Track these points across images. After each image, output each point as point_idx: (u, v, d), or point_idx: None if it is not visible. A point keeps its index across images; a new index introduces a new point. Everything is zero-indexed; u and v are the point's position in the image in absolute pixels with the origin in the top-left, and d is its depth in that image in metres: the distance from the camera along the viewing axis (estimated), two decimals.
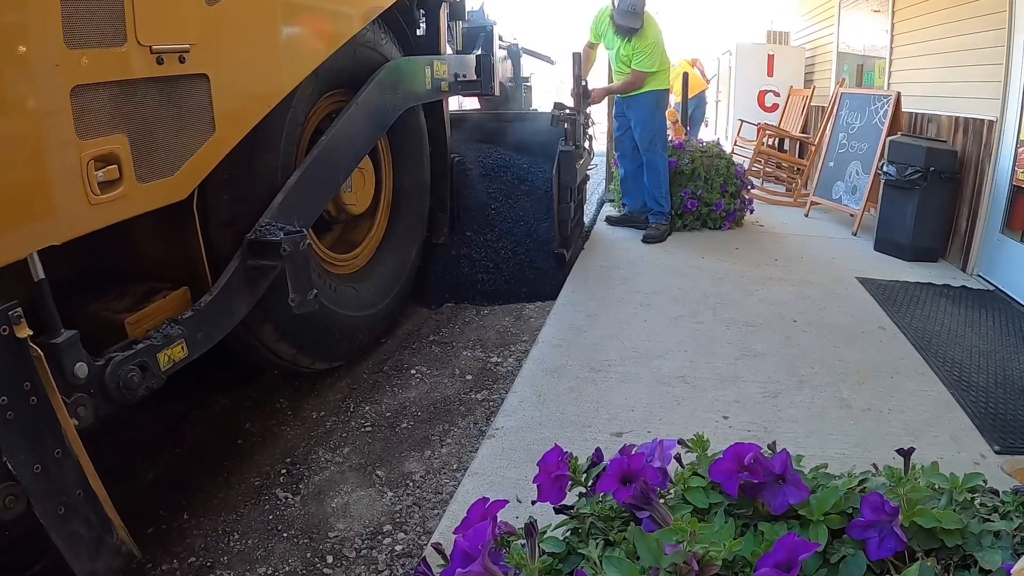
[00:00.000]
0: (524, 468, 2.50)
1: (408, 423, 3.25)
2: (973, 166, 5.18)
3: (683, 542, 0.80)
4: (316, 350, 3.47)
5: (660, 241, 5.75)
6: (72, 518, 1.80)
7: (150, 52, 2.21)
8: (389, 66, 3.83)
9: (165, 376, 2.25)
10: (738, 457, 1.01)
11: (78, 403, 1.91)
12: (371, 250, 4.17)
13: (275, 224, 2.82)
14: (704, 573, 0.80)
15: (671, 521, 0.88)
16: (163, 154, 2.31)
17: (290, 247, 2.71)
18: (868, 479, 1.13)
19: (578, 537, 1.00)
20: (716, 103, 12.08)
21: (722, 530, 0.87)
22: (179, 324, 2.35)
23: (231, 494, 2.79)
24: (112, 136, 2.10)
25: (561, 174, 4.94)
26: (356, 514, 2.65)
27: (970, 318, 4.20)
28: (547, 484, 1.09)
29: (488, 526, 0.87)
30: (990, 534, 1.06)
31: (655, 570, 0.79)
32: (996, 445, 2.77)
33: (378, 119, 3.77)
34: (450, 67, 4.61)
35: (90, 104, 2.02)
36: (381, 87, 3.73)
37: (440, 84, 4.47)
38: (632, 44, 5.52)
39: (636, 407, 3.01)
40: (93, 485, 1.87)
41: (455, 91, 4.85)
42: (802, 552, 0.81)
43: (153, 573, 2.37)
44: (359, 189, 3.91)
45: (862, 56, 7.73)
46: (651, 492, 0.91)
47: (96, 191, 2.04)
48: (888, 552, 0.94)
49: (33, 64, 1.86)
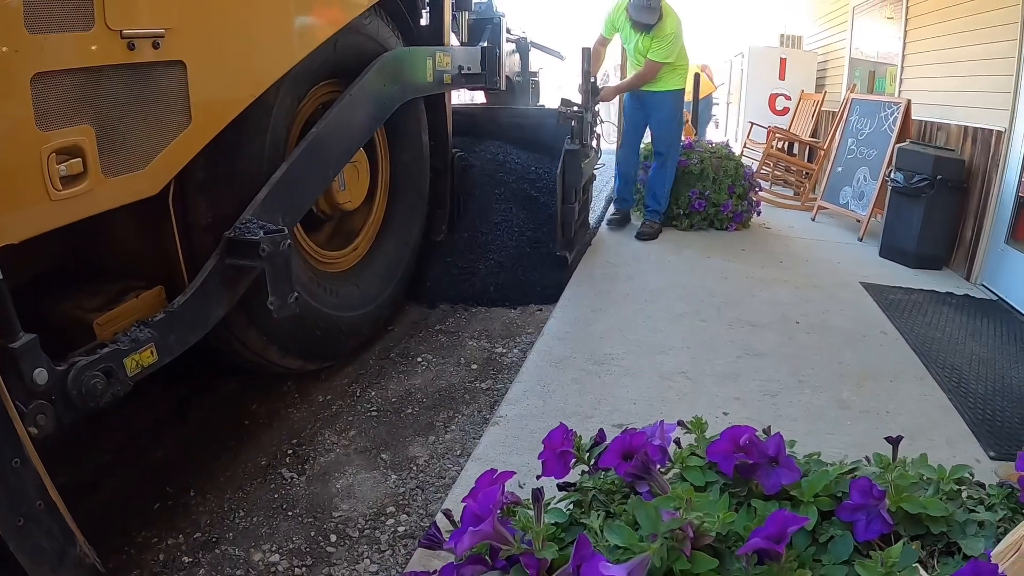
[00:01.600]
0: (527, 455, 2.55)
1: (413, 409, 3.30)
2: (980, 176, 5.20)
3: (680, 509, 0.85)
4: (303, 351, 3.38)
5: (653, 238, 5.76)
6: (33, 530, 1.69)
7: (120, 37, 2.07)
8: (386, 56, 3.68)
9: (132, 382, 2.11)
10: (734, 439, 1.06)
11: (37, 411, 1.79)
12: (364, 248, 4.03)
13: (256, 222, 2.66)
14: (699, 542, 0.85)
15: (669, 491, 0.93)
16: (133, 146, 2.18)
17: (269, 247, 2.55)
18: (859, 467, 1.18)
19: (580, 509, 1.05)
20: (727, 105, 12.08)
21: (717, 503, 0.92)
22: (149, 327, 2.22)
23: (237, 473, 2.84)
24: (76, 127, 1.96)
25: (566, 174, 4.76)
26: (360, 495, 2.70)
27: (972, 326, 4.23)
28: (551, 460, 1.14)
29: (498, 490, 0.92)
30: (975, 523, 1.10)
31: (653, 536, 0.84)
32: (991, 451, 2.80)
33: (373, 111, 3.61)
34: (454, 59, 4.46)
35: (52, 93, 1.89)
36: (377, 78, 3.58)
37: (442, 76, 4.32)
38: (651, 36, 5.40)
39: (638, 400, 3.06)
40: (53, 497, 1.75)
41: (458, 84, 4.71)
42: (792, 525, 0.86)
43: (159, 547, 2.41)
44: (352, 185, 3.74)
45: (874, 63, 7.73)
46: (651, 463, 0.96)
47: (58, 186, 1.91)
48: (875, 534, 0.99)
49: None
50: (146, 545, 2.42)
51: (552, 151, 5.12)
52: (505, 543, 0.88)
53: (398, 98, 3.84)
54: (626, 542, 0.85)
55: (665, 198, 5.91)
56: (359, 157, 3.73)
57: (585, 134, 5.11)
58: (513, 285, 4.73)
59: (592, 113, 5.40)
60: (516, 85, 6.86)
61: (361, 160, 3.78)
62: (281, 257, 2.61)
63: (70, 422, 1.91)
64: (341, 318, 3.56)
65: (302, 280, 3.26)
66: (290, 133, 3.19)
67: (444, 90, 4.53)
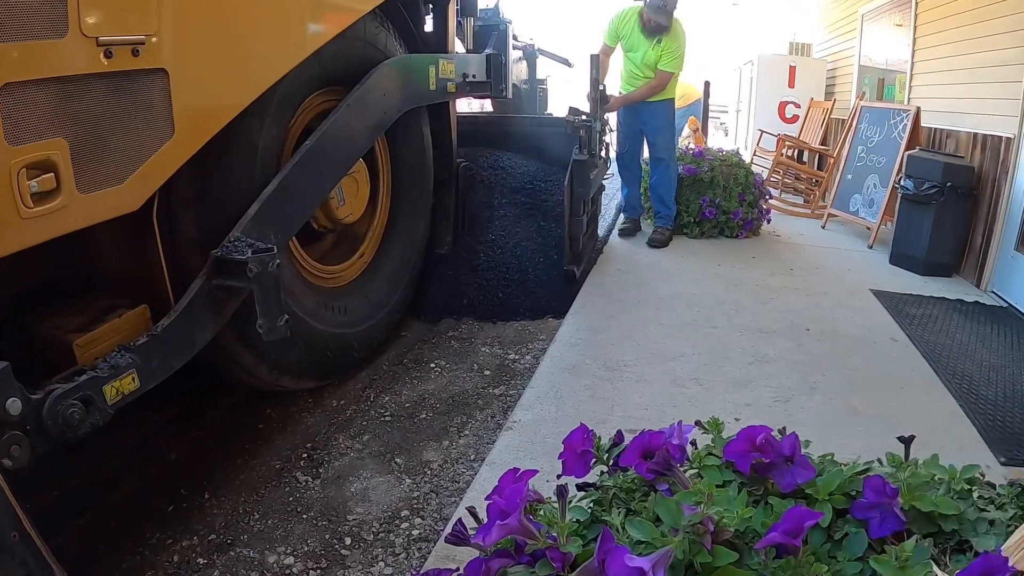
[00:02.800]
0: (541, 460, 2.57)
1: (427, 414, 3.33)
2: (990, 183, 5.21)
3: (701, 503, 0.88)
4: (315, 373, 3.36)
5: (665, 245, 5.77)
6: (7, 561, 1.60)
7: (96, 44, 1.95)
8: (387, 63, 3.53)
9: (112, 411, 2.00)
10: (751, 439, 1.09)
11: (11, 441, 1.69)
12: (364, 263, 3.89)
13: (244, 240, 2.52)
14: (718, 537, 0.88)
15: (690, 487, 0.96)
16: (111, 160, 2.07)
17: (258, 267, 2.39)
18: (871, 467, 1.20)
19: (601, 507, 1.08)
20: (736, 113, 12.08)
21: (735, 500, 0.95)
22: (131, 352, 2.09)
23: (252, 476, 2.87)
24: (49, 140, 1.86)
25: (574, 185, 4.61)
26: (374, 499, 2.72)
27: (982, 333, 4.23)
28: (572, 460, 1.17)
29: (524, 486, 0.95)
30: (986, 522, 1.13)
31: (675, 530, 0.87)
32: (1002, 457, 2.81)
33: (373, 121, 3.47)
34: (458, 66, 4.32)
35: (22, 104, 1.78)
36: (377, 86, 3.43)
37: (446, 84, 4.17)
38: (661, 46, 5.36)
39: (650, 406, 3.08)
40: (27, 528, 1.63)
41: (463, 92, 4.55)
42: (808, 520, 0.89)
43: (174, 548, 2.44)
44: (352, 198, 3.59)
45: (883, 70, 7.75)
46: (672, 460, 0.99)
47: (29, 203, 1.81)
48: (888, 531, 1.01)
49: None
50: (160, 546, 2.45)
51: (560, 161, 5.02)
52: (531, 537, 0.91)
53: (399, 107, 3.70)
54: (648, 536, 0.88)
55: (673, 202, 5.91)
56: (358, 168, 3.59)
57: (594, 144, 4.99)
58: (520, 299, 4.59)
59: (601, 122, 5.28)
60: (524, 93, 6.81)
61: (360, 171, 3.65)
62: (270, 278, 2.45)
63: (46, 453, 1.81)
64: (352, 334, 3.52)
65: (308, 307, 3.20)
66: (285, 144, 3.07)
67: (448, 99, 4.41)
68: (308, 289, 3.31)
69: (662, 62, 5.40)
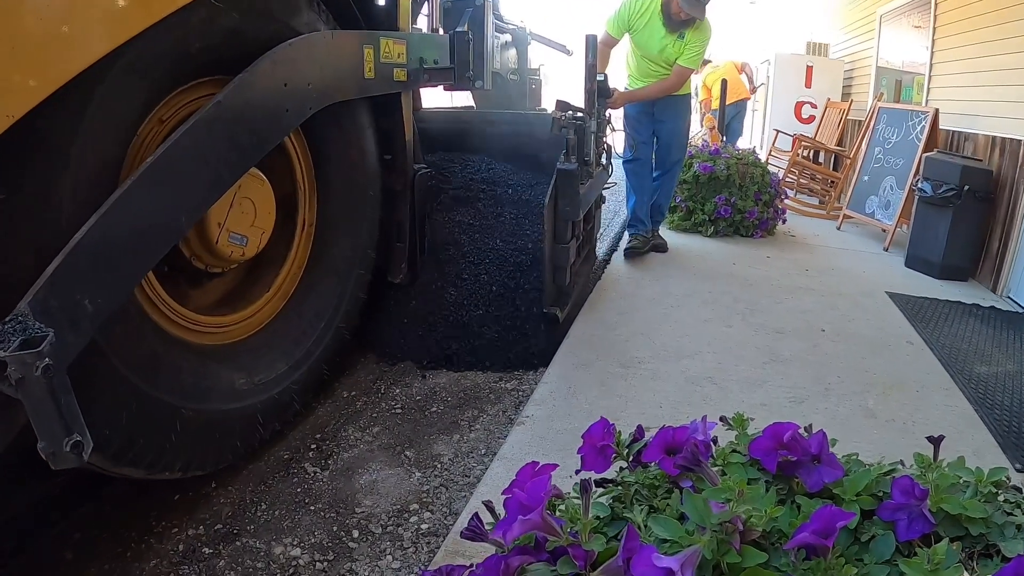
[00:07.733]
0: (553, 455, 2.55)
1: (438, 407, 3.31)
2: (1008, 186, 5.17)
3: (731, 500, 0.85)
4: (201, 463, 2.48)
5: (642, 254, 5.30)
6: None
7: None
8: (286, 44, 2.54)
9: None
10: (777, 436, 1.06)
11: None
12: (280, 302, 3.04)
13: (27, 318, 1.59)
14: (746, 536, 0.86)
15: (719, 483, 0.94)
16: None
17: (21, 371, 1.51)
18: (897, 468, 1.18)
19: (621, 504, 1.05)
20: (752, 112, 12.02)
21: (765, 497, 0.92)
22: None
23: (259, 466, 2.84)
24: None
25: (558, 203, 3.56)
26: (383, 492, 2.70)
27: (998, 338, 4.20)
28: (591, 454, 1.15)
29: (547, 480, 0.93)
30: (1013, 526, 1.10)
31: (703, 529, 0.84)
32: (1018, 463, 2.77)
33: (266, 123, 2.48)
34: (411, 48, 3.37)
35: None
36: (269, 74, 2.47)
37: (391, 71, 3.24)
38: (684, 40, 4.81)
39: (664, 404, 3.06)
40: None
41: (417, 81, 3.56)
42: (839, 521, 0.87)
43: (179, 537, 2.42)
44: (245, 225, 2.66)
45: (901, 71, 7.70)
46: (700, 455, 0.97)
47: None
48: (916, 533, 0.99)
49: None
50: (166, 535, 2.42)
51: (549, 167, 3.82)
52: (553, 534, 0.89)
53: (311, 102, 2.73)
54: (673, 535, 0.86)
55: (667, 210, 5.72)
56: (253, 184, 2.70)
57: (586, 148, 3.88)
58: (490, 346, 3.67)
59: (599, 120, 4.33)
60: (512, 84, 6.03)
61: (257, 189, 2.73)
62: (41, 388, 1.54)
63: None
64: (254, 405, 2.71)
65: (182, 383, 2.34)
66: (127, 159, 2.13)
67: (398, 89, 3.40)
68: (186, 354, 2.45)
69: (683, 58, 4.86)
